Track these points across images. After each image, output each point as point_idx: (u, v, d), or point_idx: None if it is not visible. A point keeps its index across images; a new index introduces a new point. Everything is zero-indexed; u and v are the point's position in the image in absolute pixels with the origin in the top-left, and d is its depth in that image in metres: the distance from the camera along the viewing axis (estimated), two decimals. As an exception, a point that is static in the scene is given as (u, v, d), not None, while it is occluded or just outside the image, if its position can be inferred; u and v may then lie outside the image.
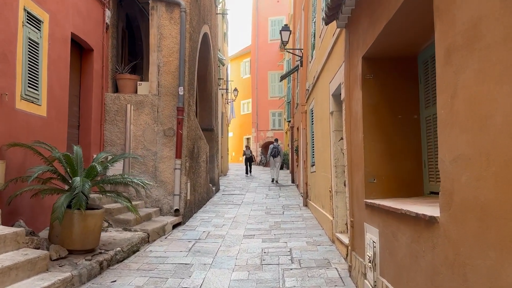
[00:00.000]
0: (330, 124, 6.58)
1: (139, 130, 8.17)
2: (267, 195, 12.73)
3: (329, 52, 6.45)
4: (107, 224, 6.56)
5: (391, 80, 4.23)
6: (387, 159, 4.14)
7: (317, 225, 7.80)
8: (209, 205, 10.46)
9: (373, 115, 4.18)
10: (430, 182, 3.96)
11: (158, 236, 6.81)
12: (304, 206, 10.36)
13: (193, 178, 8.98)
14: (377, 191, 4.10)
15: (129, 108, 8.13)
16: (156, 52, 8.33)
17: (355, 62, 4.52)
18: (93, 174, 5.12)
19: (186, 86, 8.29)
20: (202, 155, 10.25)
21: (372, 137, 4.16)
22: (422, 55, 4.08)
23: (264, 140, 29.46)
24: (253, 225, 7.92)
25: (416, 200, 3.64)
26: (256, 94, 30.12)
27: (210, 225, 7.90)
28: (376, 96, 4.21)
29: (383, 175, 4.12)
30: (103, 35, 8.15)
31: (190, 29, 8.58)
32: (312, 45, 9.50)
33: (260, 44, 30.16)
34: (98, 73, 7.97)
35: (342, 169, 6.20)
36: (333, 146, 6.36)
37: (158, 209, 7.91)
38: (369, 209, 3.96)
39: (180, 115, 8.08)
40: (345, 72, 5.10)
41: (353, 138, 4.63)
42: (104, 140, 8.17)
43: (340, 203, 6.18)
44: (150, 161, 8.09)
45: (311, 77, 9.41)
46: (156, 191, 8.03)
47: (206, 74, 12.69)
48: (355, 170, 4.59)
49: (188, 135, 8.36)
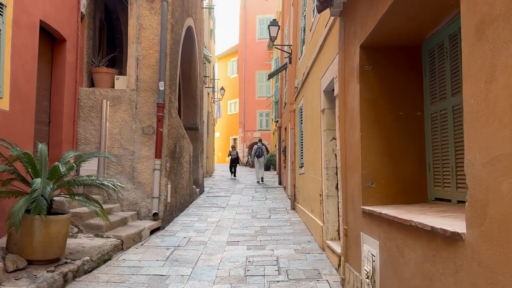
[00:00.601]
0: (321, 123, 6.12)
1: (115, 128, 7.59)
2: (253, 197, 12.24)
3: (320, 45, 5.99)
4: (76, 229, 5.99)
5: (392, 72, 3.77)
6: (387, 160, 3.69)
7: (305, 231, 7.34)
8: (192, 208, 9.92)
9: (371, 111, 3.72)
10: (436, 188, 3.51)
11: (133, 242, 6.25)
12: (291, 209, 9.90)
13: (175, 179, 8.43)
14: (375, 196, 3.64)
15: (105, 103, 7.55)
16: (135, 44, 7.77)
17: (351, 52, 4.06)
18: (56, 175, 4.56)
19: (167, 81, 7.74)
20: (185, 155, 9.70)
21: (370, 136, 3.70)
22: (427, 44, 3.64)
23: (251, 141, 28.95)
24: (237, 230, 7.41)
25: (422, 208, 3.18)
26: (244, 93, 29.61)
27: (191, 230, 7.37)
28: (375, 90, 3.75)
29: (382, 179, 3.66)
30: (78, 25, 7.55)
31: (172, 20, 8.04)
32: (301, 40, 9.04)
33: (248, 42, 29.66)
34: (71, 66, 7.38)
35: (334, 171, 5.74)
36: (324, 147, 5.89)
37: (135, 212, 7.34)
38: (367, 218, 3.49)
39: (160, 112, 7.54)
40: (339, 65, 4.63)
41: (349, 137, 4.17)
42: (78, 138, 7.57)
43: (331, 208, 5.72)
44: (127, 161, 7.52)
45: (300, 74, 8.95)
46: (134, 193, 7.46)
47: (190, 71, 12.14)
48: (350, 172, 4.12)
49: (169, 134, 7.81)
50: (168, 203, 7.81)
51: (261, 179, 16.87)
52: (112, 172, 7.49)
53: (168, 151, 7.77)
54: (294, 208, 9.84)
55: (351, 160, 4.05)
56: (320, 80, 6.11)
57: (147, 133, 7.57)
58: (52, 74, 7.16)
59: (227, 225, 7.94)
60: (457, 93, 3.11)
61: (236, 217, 8.76)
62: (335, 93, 4.89)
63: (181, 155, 9.13)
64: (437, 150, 3.46)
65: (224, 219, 8.52)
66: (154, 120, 7.57)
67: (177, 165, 8.73)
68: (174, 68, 8.33)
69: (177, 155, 8.71)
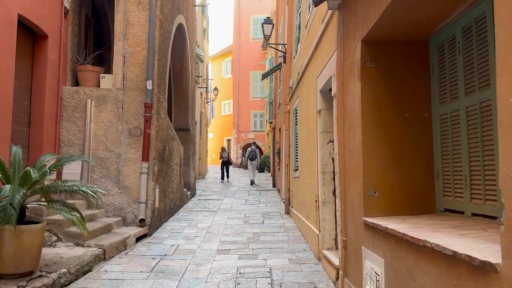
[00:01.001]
0: (317, 125, 5.77)
1: (100, 129, 7.19)
2: (246, 201, 11.87)
3: (317, 42, 5.64)
4: (55, 238, 5.59)
5: (397, 69, 3.43)
6: (391, 167, 3.34)
7: (300, 238, 6.98)
8: (182, 212, 9.53)
9: (374, 113, 3.38)
10: (445, 198, 3.17)
11: (117, 251, 5.86)
12: (286, 213, 9.54)
13: (163, 183, 8.05)
14: (379, 207, 3.29)
15: (89, 103, 7.15)
16: (122, 41, 7.38)
17: (351, 48, 3.71)
18: (29, 181, 4.17)
19: (155, 80, 7.36)
20: (175, 157, 9.32)
21: (373, 139, 3.35)
22: (435, 39, 3.30)
23: (245, 142, 28.57)
24: (229, 237, 7.04)
25: (433, 222, 2.83)
26: (238, 94, 29.23)
27: (180, 237, 6.99)
28: (378, 88, 3.40)
29: (386, 187, 3.32)
30: (61, 21, 7.15)
31: (161, 16, 7.66)
32: (296, 38, 8.70)
33: (242, 43, 29.29)
34: (53, 63, 6.97)
35: (331, 176, 5.39)
36: (320, 150, 5.54)
37: (120, 218, 6.94)
38: (370, 231, 3.14)
39: (148, 112, 7.15)
40: (337, 62, 4.29)
41: (348, 140, 3.82)
42: (60, 140, 7.16)
43: (328, 216, 5.37)
44: (112, 164, 7.12)
45: (295, 74, 8.61)
46: (119, 198, 7.06)
47: (182, 70, 11.76)
48: (350, 179, 3.77)
49: (157, 135, 7.43)
50: (156, 208, 7.43)
51: (253, 182, 16.73)
52: (96, 176, 7.09)
53: (156, 154, 7.38)
54: (288, 212, 9.49)
55: (351, 165, 3.70)
56: (316, 79, 5.76)
57: (134, 135, 7.18)
58: (33, 72, 6.75)
59: (218, 231, 7.56)
60: (471, 92, 2.78)
61: (228, 222, 8.39)
62: (333, 93, 4.54)
63: (170, 158, 8.74)
64: (447, 156, 3.13)
65: (215, 225, 8.15)
66: (141, 121, 7.19)
67: (167, 168, 8.35)
68: (163, 66, 7.95)
69: (167, 157, 8.33)
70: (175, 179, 9.26)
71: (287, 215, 9.35)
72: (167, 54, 8.40)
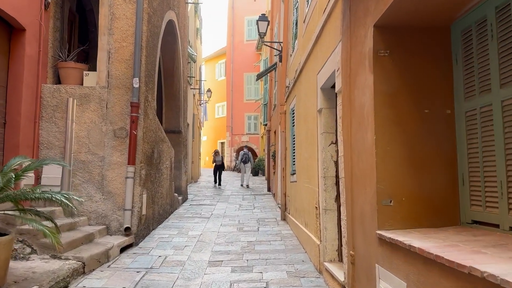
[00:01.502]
0: (317, 125, 5.31)
1: (83, 130, 6.67)
2: (241, 206, 11.37)
3: (317, 35, 5.19)
4: (29, 250, 5.06)
5: (415, 59, 2.98)
6: (408, 171, 2.88)
7: (298, 247, 6.50)
8: (172, 219, 9.01)
9: (389, 109, 2.92)
10: (473, 207, 2.72)
11: (98, 264, 5.34)
12: (282, 220, 9.06)
13: (152, 188, 7.53)
14: (395, 218, 2.83)
15: (71, 102, 6.63)
16: (107, 36, 6.88)
17: (360, 36, 3.25)
18: (-8, 188, 3.65)
19: (142, 78, 6.86)
20: (165, 160, 8.81)
21: (387, 139, 2.89)
22: (459, 23, 2.85)
23: (239, 145, 28.03)
24: (221, 247, 6.54)
25: (466, 239, 2.37)
26: (231, 96, 28.75)
27: (169, 247, 6.47)
28: (394, 81, 2.95)
29: (403, 195, 2.86)
30: (41, 13, 6.64)
31: (149, 10, 7.17)
32: (293, 35, 8.25)
33: (236, 44, 28.84)
34: (32, 59, 6.45)
35: (333, 181, 4.93)
36: (321, 152, 5.08)
37: (104, 227, 6.42)
38: (387, 247, 2.67)
39: (135, 112, 6.65)
40: (342, 54, 3.83)
41: (356, 141, 3.35)
42: (40, 142, 6.63)
43: (329, 224, 4.90)
44: (96, 167, 6.60)
45: (292, 72, 8.16)
46: (103, 204, 6.54)
47: (173, 69, 11.26)
48: (358, 185, 3.30)
49: (144, 137, 6.92)
50: (143, 216, 6.91)
51: (247, 185, 16.61)
52: (78, 181, 6.57)
53: (143, 157, 6.87)
54: (285, 218, 9.01)
55: (361, 169, 3.23)
56: (317, 76, 5.30)
57: (119, 136, 6.67)
58: (9, 68, 6.24)
59: (210, 239, 7.06)
60: (508, 84, 2.34)
61: (220, 230, 7.89)
62: (337, 89, 4.08)
63: (160, 161, 8.24)
64: (475, 158, 2.67)
65: (207, 232, 7.64)
66: (127, 121, 6.68)
67: (155, 172, 7.84)
68: (151, 63, 7.46)
69: (155, 160, 7.82)
70: (165, 183, 8.74)
71: (283, 222, 8.87)
72: (156, 50, 7.91)
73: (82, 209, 6.48)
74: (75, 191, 6.52)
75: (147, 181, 7.18)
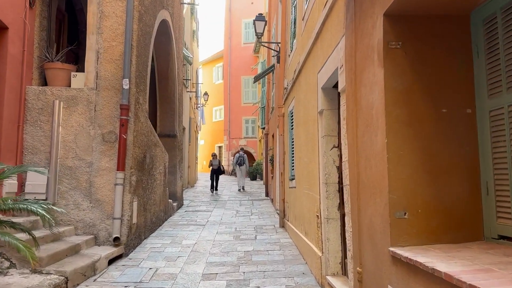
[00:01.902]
0: (318, 128, 4.96)
1: (70, 134, 6.31)
2: (238, 212, 10.99)
3: (317, 32, 4.85)
4: (8, 264, 4.68)
5: (430, 51, 2.64)
6: (425, 179, 2.54)
7: (298, 257, 6.13)
8: (166, 227, 8.63)
9: (402, 108, 2.57)
10: (500, 220, 2.37)
11: (83, 278, 4.96)
12: (280, 227, 8.69)
13: (143, 195, 7.16)
14: (410, 233, 2.48)
15: (58, 105, 6.27)
16: (95, 35, 6.54)
17: (368, 27, 2.91)
18: (-43, 198, 3.28)
19: (133, 78, 6.51)
20: (158, 166, 8.44)
21: (400, 142, 2.54)
22: (481, 10, 2.51)
23: (236, 149, 27.62)
24: (216, 257, 6.17)
25: (495, 257, 2.02)
26: (229, 100, 28.38)
27: (160, 258, 6.10)
28: (407, 77, 2.60)
29: (419, 206, 2.51)
30: (25, 11, 6.29)
31: (140, 8, 6.83)
32: (292, 34, 7.92)
33: (233, 47, 28.53)
34: (15, 59, 6.10)
35: (336, 188, 4.57)
36: (322, 157, 4.73)
37: (92, 237, 6.05)
38: (403, 268, 2.31)
39: (124, 115, 6.29)
40: (346, 49, 3.49)
41: (364, 144, 3.00)
42: (24, 147, 6.27)
43: (332, 235, 4.54)
44: (83, 174, 6.24)
45: (290, 73, 7.82)
46: (91, 213, 6.17)
47: (167, 71, 10.92)
48: (367, 194, 2.95)
49: (135, 141, 6.56)
50: (134, 225, 6.54)
51: (242, 188, 16.66)
52: (65, 188, 6.20)
53: (134, 162, 6.51)
54: (284, 226, 8.64)
55: (369, 176, 2.88)
56: (317, 75, 4.96)
57: (108, 141, 6.31)
58: (-9, 68, 5.88)
59: (205, 249, 6.68)
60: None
61: (216, 239, 7.51)
62: (340, 88, 3.74)
63: (152, 166, 7.87)
64: (502, 164, 2.33)
65: (202, 242, 7.27)
66: (116, 125, 6.32)
67: (147, 178, 7.47)
68: (143, 64, 7.11)
69: (147, 166, 7.45)
70: (158, 189, 8.37)
71: (282, 229, 8.50)
72: (149, 50, 7.56)
73: (69, 218, 6.11)
74: (61, 199, 6.16)
75: (138, 187, 6.80)
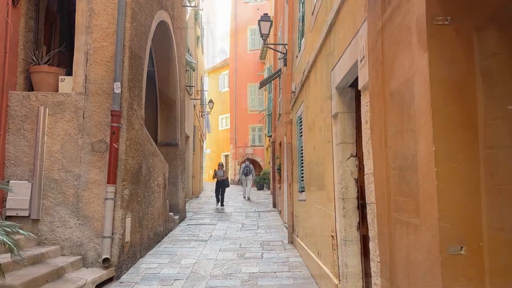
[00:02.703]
0: (332, 134, 4.31)
1: (56, 144, 5.73)
2: (243, 225, 10.32)
3: (331, 23, 4.23)
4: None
5: (490, 31, 1.99)
6: (488, 201, 1.87)
7: (309, 280, 5.45)
8: (166, 243, 7.99)
9: (455, 104, 1.92)
10: None
11: (63, 309, 4.33)
12: (289, 243, 8.01)
13: (139, 209, 6.54)
14: (470, 275, 1.82)
15: (43, 112, 5.70)
16: (84, 35, 5.98)
17: (401, 3, 2.27)
18: None
19: (125, 82, 5.93)
20: (157, 177, 7.82)
21: (454, 151, 1.89)
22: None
23: (243, 157, 26.98)
24: (218, 281, 5.50)
25: None
26: (235, 107, 27.82)
27: (155, 281, 5.45)
28: (461, 63, 1.95)
29: (481, 238, 1.84)
30: (7, 9, 5.77)
31: (133, 5, 6.26)
32: (300, 33, 7.31)
33: (239, 54, 28.03)
34: (-4, 62, 5.56)
35: (354, 205, 3.91)
36: (338, 168, 4.07)
37: (79, 258, 5.42)
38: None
39: (116, 122, 5.69)
40: (369, 36, 2.85)
41: (396, 153, 2.35)
42: (6, 158, 5.70)
43: (351, 260, 3.86)
44: (70, 187, 5.64)
45: (298, 75, 7.19)
46: (78, 231, 5.55)
47: (168, 77, 10.36)
48: (402, 218, 2.29)
49: (128, 151, 5.96)
50: (127, 243, 5.90)
51: (248, 198, 16.84)
52: (50, 203, 5.60)
53: (127, 174, 5.90)
54: (293, 241, 7.96)
55: (405, 195, 2.22)
56: (331, 73, 4.32)
57: (98, 151, 5.71)
58: (-31, 72, 5.34)
59: (205, 270, 6.02)
60: None
61: (219, 257, 6.85)
62: (361, 84, 3.09)
63: (150, 178, 7.25)
64: None
65: (203, 261, 6.60)
66: (107, 133, 5.73)
67: (144, 190, 6.85)
68: (137, 66, 6.52)
69: (144, 177, 6.84)
70: (156, 203, 7.74)
71: (290, 245, 7.82)
72: (144, 53, 6.98)
73: (54, 236, 5.51)
74: (46, 215, 5.57)
75: (132, 201, 6.18)
